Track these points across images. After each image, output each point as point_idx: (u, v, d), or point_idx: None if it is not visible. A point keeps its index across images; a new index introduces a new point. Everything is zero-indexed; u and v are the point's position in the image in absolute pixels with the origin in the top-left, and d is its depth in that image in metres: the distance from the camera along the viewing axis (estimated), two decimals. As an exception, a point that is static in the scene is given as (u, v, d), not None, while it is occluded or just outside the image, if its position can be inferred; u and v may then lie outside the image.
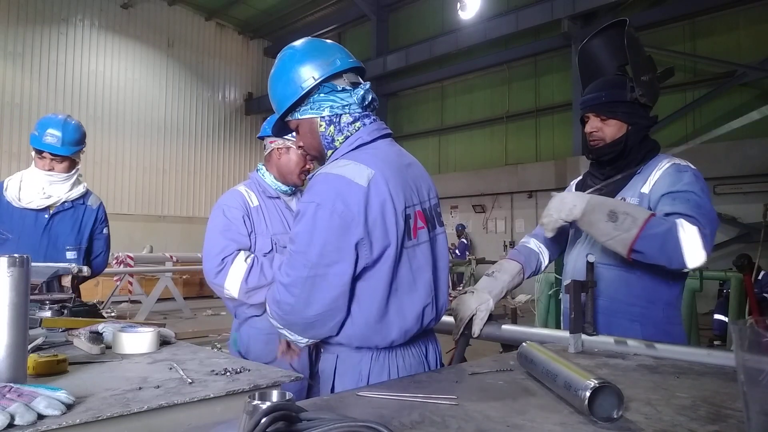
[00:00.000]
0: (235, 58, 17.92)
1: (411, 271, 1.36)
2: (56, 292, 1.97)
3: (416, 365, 1.41)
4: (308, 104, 1.40)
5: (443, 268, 1.49)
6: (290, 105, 1.41)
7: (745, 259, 6.61)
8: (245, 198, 2.10)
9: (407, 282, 1.36)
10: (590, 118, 1.78)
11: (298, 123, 1.44)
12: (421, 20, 14.47)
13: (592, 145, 1.79)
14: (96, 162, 14.81)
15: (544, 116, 12.11)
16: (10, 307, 1.05)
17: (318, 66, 1.38)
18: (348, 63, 1.41)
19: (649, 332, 1.59)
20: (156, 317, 7.38)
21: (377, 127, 1.43)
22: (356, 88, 1.40)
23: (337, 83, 1.39)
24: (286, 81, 1.40)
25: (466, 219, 13.38)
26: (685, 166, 1.68)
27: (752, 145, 8.80)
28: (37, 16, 13.96)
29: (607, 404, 0.85)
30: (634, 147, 1.74)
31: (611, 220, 1.51)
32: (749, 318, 4.95)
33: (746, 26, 9.57)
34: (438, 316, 1.48)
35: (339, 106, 1.38)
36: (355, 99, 1.39)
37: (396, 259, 1.32)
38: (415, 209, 1.40)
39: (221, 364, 1.30)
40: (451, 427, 0.82)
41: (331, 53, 1.41)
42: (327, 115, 1.39)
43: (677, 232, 1.49)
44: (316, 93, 1.39)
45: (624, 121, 1.73)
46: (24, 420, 0.85)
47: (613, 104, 1.73)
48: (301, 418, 0.66)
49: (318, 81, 1.37)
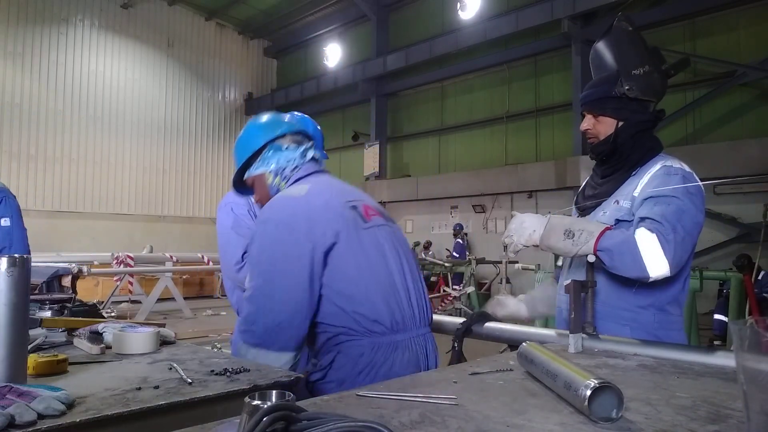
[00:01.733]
0: (235, 58, 17.93)
1: (377, 249, 1.50)
2: (56, 292, 1.97)
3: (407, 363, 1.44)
4: (259, 162, 1.68)
5: (407, 254, 1.63)
6: (244, 163, 1.69)
7: (745, 259, 6.62)
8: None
9: (375, 259, 1.48)
10: (585, 116, 1.78)
11: (253, 179, 1.71)
12: (421, 20, 14.46)
13: (589, 142, 1.80)
14: (96, 162, 14.81)
15: (544, 116, 12.11)
16: (10, 307, 1.05)
17: (265, 131, 1.68)
18: (290, 128, 1.70)
19: (639, 336, 1.56)
20: (156, 317, 7.37)
21: (314, 166, 1.69)
22: (300, 146, 1.68)
23: (282, 143, 1.67)
24: (243, 145, 1.70)
25: (466, 219, 13.37)
26: (676, 169, 1.63)
27: (752, 145, 8.79)
28: (37, 16, 13.96)
29: (607, 404, 0.85)
30: (626, 143, 1.70)
31: (568, 238, 1.53)
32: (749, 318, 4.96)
33: (746, 26, 9.57)
34: (415, 307, 1.52)
35: (284, 161, 1.66)
36: (297, 154, 1.67)
37: (355, 241, 1.45)
38: (360, 203, 1.57)
39: (221, 364, 1.30)
40: (451, 427, 0.82)
41: (278, 122, 1.72)
42: (273, 168, 1.66)
43: (634, 242, 1.47)
44: (265, 152, 1.67)
45: (614, 117, 1.71)
46: (24, 420, 0.85)
47: (602, 100, 1.72)
48: (301, 418, 0.66)
49: (264, 142, 1.66)
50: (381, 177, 14.53)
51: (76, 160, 14.44)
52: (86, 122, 14.64)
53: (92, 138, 14.75)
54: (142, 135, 15.71)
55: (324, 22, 16.47)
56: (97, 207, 14.74)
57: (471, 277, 9.48)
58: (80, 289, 2.50)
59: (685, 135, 10.03)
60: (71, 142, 14.36)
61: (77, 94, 14.56)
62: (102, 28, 15.09)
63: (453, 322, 1.84)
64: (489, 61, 12.70)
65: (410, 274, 1.57)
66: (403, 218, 14.86)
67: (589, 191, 1.83)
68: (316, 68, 16.80)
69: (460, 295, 8.71)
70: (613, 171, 1.75)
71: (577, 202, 1.90)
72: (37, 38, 13.97)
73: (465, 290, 8.88)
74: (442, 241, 13.33)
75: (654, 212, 1.52)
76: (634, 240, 1.48)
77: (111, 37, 15.24)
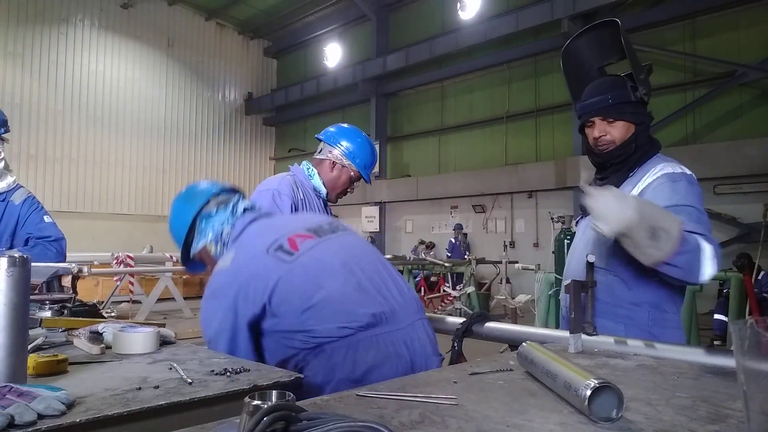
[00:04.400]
0: (235, 58, 17.93)
1: (317, 271, 1.46)
2: (56, 292, 1.97)
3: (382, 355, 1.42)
4: (197, 236, 1.66)
5: (367, 254, 1.60)
6: (185, 242, 1.68)
7: (745, 259, 6.62)
8: (292, 189, 2.22)
9: (323, 272, 1.46)
10: (595, 122, 1.75)
11: (200, 254, 1.68)
12: (421, 20, 14.46)
13: (600, 149, 1.75)
14: (96, 162, 14.82)
15: (544, 116, 12.10)
16: (10, 307, 1.05)
17: (190, 204, 1.67)
18: (210, 192, 1.68)
19: (634, 334, 1.56)
20: (156, 317, 7.37)
21: (247, 217, 1.64)
22: (228, 205, 1.65)
23: (209, 210, 1.65)
24: (176, 226, 1.70)
25: (466, 219, 13.37)
26: (678, 175, 1.64)
27: (752, 145, 8.79)
28: (37, 16, 13.96)
29: (607, 404, 0.85)
30: (642, 146, 1.73)
31: (653, 239, 1.42)
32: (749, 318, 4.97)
33: (746, 26, 9.56)
34: (391, 300, 1.48)
35: (218, 225, 1.64)
36: (227, 215, 1.64)
37: (290, 276, 1.42)
38: (286, 237, 1.52)
39: (221, 364, 1.30)
40: (451, 427, 0.82)
41: (198, 192, 1.70)
42: (211, 237, 1.64)
43: (701, 252, 1.49)
44: (198, 225, 1.66)
45: (631, 122, 1.71)
46: (24, 420, 0.85)
47: (620, 105, 1.71)
48: (301, 418, 0.66)
49: (193, 216, 1.64)
50: (381, 177, 14.53)
51: (76, 160, 14.45)
52: (86, 122, 14.65)
53: (92, 138, 14.75)
54: (142, 135, 15.71)
55: (324, 22, 16.47)
56: (97, 207, 14.74)
57: (471, 277, 9.48)
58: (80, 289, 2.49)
59: (685, 135, 10.02)
60: (71, 142, 14.37)
61: (77, 94, 14.56)
62: (102, 28, 15.09)
63: (453, 322, 1.84)
64: (489, 61, 12.70)
65: (370, 272, 1.51)
66: (403, 218, 14.86)
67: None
68: (316, 68, 16.80)
69: (460, 295, 8.71)
70: (610, 173, 1.76)
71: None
72: (37, 38, 13.97)
73: (465, 290, 8.88)
74: (442, 241, 13.34)
75: (694, 226, 1.52)
76: (700, 250, 1.49)
77: (111, 37, 15.24)
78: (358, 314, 1.41)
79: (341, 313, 1.40)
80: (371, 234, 14.55)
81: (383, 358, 1.40)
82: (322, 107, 16.55)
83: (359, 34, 15.89)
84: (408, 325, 1.49)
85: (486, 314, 1.82)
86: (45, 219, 2.57)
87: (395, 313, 1.47)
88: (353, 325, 1.39)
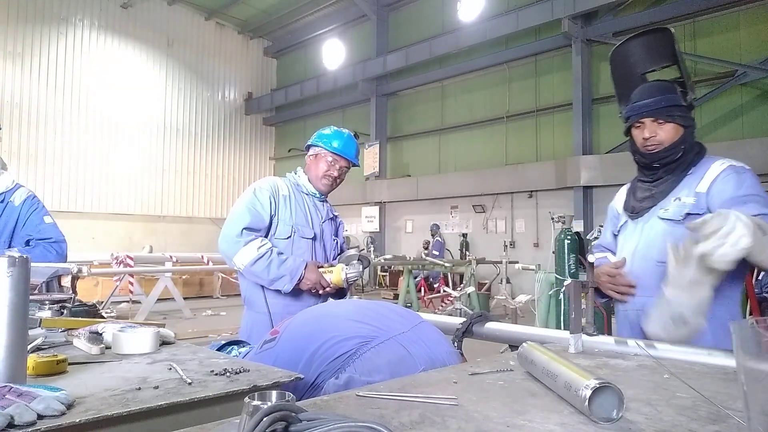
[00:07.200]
0: (235, 58, 17.92)
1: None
2: (56, 292, 1.97)
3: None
4: None
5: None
6: None
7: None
8: (276, 184, 2.39)
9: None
10: (645, 123, 1.79)
11: None
12: (421, 20, 14.46)
13: (648, 150, 1.80)
14: (96, 162, 14.81)
15: (544, 116, 12.10)
16: (10, 307, 1.05)
17: None
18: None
19: (716, 329, 1.54)
20: (156, 317, 7.38)
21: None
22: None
23: None
24: None
25: (466, 219, 13.38)
26: (741, 167, 1.74)
27: (752, 145, 8.79)
28: (37, 15, 13.96)
29: (607, 404, 0.85)
30: (692, 148, 1.79)
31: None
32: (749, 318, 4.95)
33: (746, 26, 9.57)
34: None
35: None
36: None
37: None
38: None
39: (221, 364, 1.30)
40: (451, 427, 0.82)
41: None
42: None
43: None
44: None
45: (680, 125, 1.77)
46: (23, 420, 0.85)
47: (672, 108, 1.77)
48: (301, 419, 0.66)
49: None
50: (381, 177, 14.53)
51: (76, 159, 14.44)
52: (86, 122, 14.64)
53: (92, 138, 14.75)
54: (142, 135, 15.70)
55: (324, 21, 16.47)
56: (97, 207, 14.74)
57: (471, 277, 9.47)
58: (80, 290, 2.48)
59: (685, 135, 10.02)
60: (71, 142, 14.36)
61: (77, 94, 14.56)
62: (102, 27, 15.09)
63: (453, 322, 1.84)
64: (489, 61, 12.70)
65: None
66: (403, 218, 14.85)
67: (642, 194, 1.88)
68: (315, 68, 16.79)
69: (460, 295, 8.70)
70: (668, 174, 1.81)
71: (627, 206, 1.92)
72: (37, 38, 13.96)
73: (465, 290, 8.87)
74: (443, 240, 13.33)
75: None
76: None
77: (111, 36, 15.24)
78: (351, 332, 1.41)
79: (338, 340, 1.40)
80: (371, 234, 14.57)
81: (398, 359, 1.40)
82: (322, 107, 16.55)
83: (359, 33, 15.89)
84: (412, 328, 1.50)
85: (486, 314, 1.82)
86: (45, 220, 2.55)
87: (390, 327, 1.45)
88: (355, 341, 1.39)
